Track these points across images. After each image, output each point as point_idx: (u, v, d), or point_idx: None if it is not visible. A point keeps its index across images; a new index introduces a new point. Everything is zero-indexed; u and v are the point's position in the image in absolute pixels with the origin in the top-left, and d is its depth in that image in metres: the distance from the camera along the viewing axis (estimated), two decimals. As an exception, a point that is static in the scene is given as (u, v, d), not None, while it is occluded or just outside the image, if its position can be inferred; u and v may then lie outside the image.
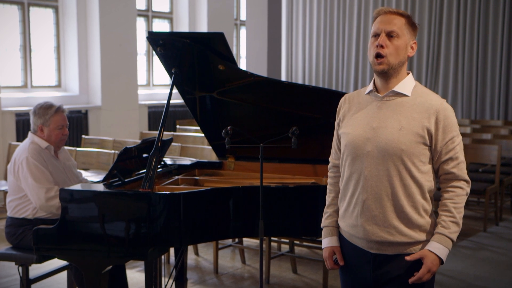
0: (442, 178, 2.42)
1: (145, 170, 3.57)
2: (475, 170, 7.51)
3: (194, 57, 3.89)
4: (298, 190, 3.57)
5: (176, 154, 6.46)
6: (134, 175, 3.80)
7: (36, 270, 4.23)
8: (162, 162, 4.18)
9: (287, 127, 3.25)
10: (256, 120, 4.19)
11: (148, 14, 10.57)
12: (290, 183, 3.85)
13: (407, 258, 2.36)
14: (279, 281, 4.92)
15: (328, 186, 2.66)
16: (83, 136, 7.70)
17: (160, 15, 10.90)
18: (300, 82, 13.61)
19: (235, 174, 4.24)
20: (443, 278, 5.01)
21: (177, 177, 4.07)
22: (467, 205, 7.62)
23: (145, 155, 3.80)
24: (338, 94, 3.80)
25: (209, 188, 3.52)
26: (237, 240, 5.41)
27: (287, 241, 5.08)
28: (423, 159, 2.37)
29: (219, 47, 3.79)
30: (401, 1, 12.30)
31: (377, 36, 2.39)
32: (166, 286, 4.08)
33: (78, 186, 3.57)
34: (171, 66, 3.91)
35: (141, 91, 10.16)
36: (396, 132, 2.35)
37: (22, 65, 8.51)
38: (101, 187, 3.45)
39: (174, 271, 4.16)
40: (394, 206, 2.36)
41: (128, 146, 3.65)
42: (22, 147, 3.95)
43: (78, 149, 6.58)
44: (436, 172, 2.44)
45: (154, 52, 3.90)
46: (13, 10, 8.39)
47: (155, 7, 10.76)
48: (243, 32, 12.15)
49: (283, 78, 13.37)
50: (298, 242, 5.16)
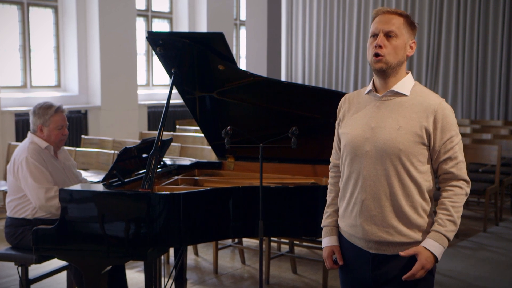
0: (441, 178, 2.42)
1: (144, 170, 3.57)
2: (475, 170, 7.50)
3: (193, 57, 3.88)
4: (297, 190, 3.57)
5: (175, 154, 6.46)
6: (133, 175, 3.80)
7: (35, 270, 4.23)
8: (162, 162, 4.18)
9: (287, 127, 3.25)
10: (256, 120, 4.18)
11: (147, 14, 10.56)
12: (289, 183, 3.84)
13: (402, 253, 2.35)
14: (279, 281, 4.92)
15: (328, 186, 2.67)
16: (83, 136, 7.70)
17: (159, 15, 10.90)
18: (300, 82, 13.60)
19: (235, 174, 4.24)
20: (443, 278, 5.01)
21: (176, 177, 4.07)
22: (467, 205, 7.62)
23: (144, 155, 3.80)
24: (338, 94, 3.80)
25: (208, 188, 3.51)
26: (236, 240, 5.40)
27: (287, 241, 5.07)
28: (422, 159, 2.37)
29: (219, 47, 3.78)
30: (401, 1, 12.30)
31: (375, 36, 2.40)
32: (165, 286, 4.08)
33: (77, 186, 3.57)
34: (171, 66, 3.91)
35: (140, 91, 10.15)
36: (394, 132, 2.35)
37: (22, 65, 8.51)
38: (100, 187, 3.44)
39: (174, 271, 4.16)
40: (392, 206, 2.36)
41: (127, 146, 3.65)
42: (22, 147, 3.95)
43: (77, 149, 6.58)
44: (435, 172, 2.43)
45: (153, 52, 3.89)
46: (12, 10, 8.39)
47: (155, 7, 10.76)
48: (243, 32, 12.15)
49: (283, 78, 13.36)
50: (298, 242, 5.16)
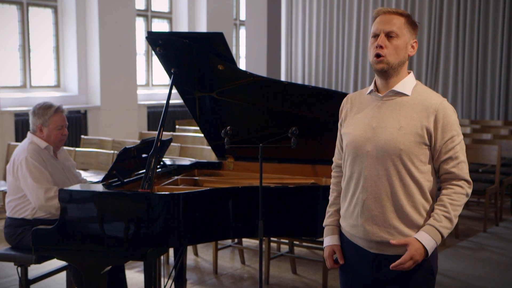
0: (442, 177, 2.41)
1: (144, 171, 3.57)
2: (475, 170, 7.49)
3: (193, 57, 3.88)
4: (297, 190, 3.56)
5: (175, 154, 6.45)
6: (133, 176, 3.79)
7: (35, 270, 4.23)
8: (162, 162, 4.18)
9: (287, 127, 3.24)
10: (255, 120, 4.18)
11: (147, 14, 10.56)
12: (289, 184, 3.83)
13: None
14: (279, 281, 4.91)
15: (331, 186, 2.67)
16: (82, 136, 7.70)
17: (159, 15, 10.90)
18: (299, 82, 13.60)
19: (235, 174, 4.24)
20: (443, 278, 5.01)
21: (176, 177, 4.06)
22: (467, 205, 7.61)
23: (144, 155, 3.80)
24: (337, 94, 3.80)
25: (208, 188, 3.51)
26: (236, 240, 5.40)
27: (287, 241, 5.07)
28: (423, 159, 2.36)
29: (219, 47, 3.78)
30: (401, 1, 12.29)
31: (376, 36, 2.39)
32: (165, 287, 4.07)
33: (77, 187, 3.57)
34: (171, 66, 3.90)
35: (140, 91, 10.15)
36: (395, 132, 2.34)
37: (21, 65, 8.50)
38: (100, 188, 3.44)
39: (174, 272, 4.16)
40: (394, 206, 2.36)
41: (127, 146, 3.65)
42: (21, 147, 3.94)
43: (77, 149, 6.58)
44: (436, 172, 2.43)
45: (153, 52, 3.89)
46: (12, 10, 8.38)
47: (154, 7, 10.75)
48: (243, 32, 12.14)
49: (283, 78, 13.36)
50: (297, 243, 5.15)
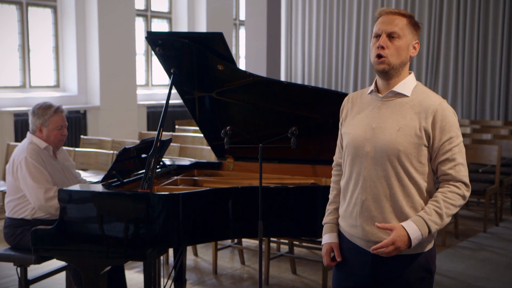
0: (440, 179, 2.41)
1: (144, 171, 3.56)
2: (475, 170, 7.49)
3: (193, 57, 3.87)
4: (297, 190, 3.56)
5: (175, 154, 6.45)
6: (133, 176, 3.79)
7: (34, 270, 4.22)
8: (161, 163, 4.17)
9: (287, 127, 3.24)
10: (255, 120, 4.17)
11: (147, 14, 10.55)
12: (289, 184, 3.83)
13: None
14: (279, 281, 4.91)
15: (331, 184, 2.67)
16: (82, 136, 7.69)
17: (159, 15, 10.89)
18: (299, 82, 13.60)
19: (234, 175, 4.23)
20: (443, 278, 5.00)
21: (176, 177, 4.06)
22: (467, 205, 7.61)
23: (144, 156, 3.79)
24: (337, 94, 3.80)
25: (208, 188, 3.50)
26: (236, 240, 5.39)
27: (286, 241, 5.06)
28: (422, 160, 2.35)
29: (218, 47, 3.77)
30: (401, 1, 12.29)
31: (378, 36, 2.39)
32: (165, 287, 4.07)
33: (76, 187, 3.56)
34: (170, 66, 3.90)
35: (140, 91, 10.14)
36: (394, 132, 2.34)
37: (21, 65, 8.49)
38: (99, 188, 3.43)
39: (173, 272, 4.15)
40: (392, 206, 2.35)
41: (127, 147, 3.64)
42: (21, 148, 3.94)
43: (76, 149, 6.57)
44: (435, 173, 2.42)
45: (153, 52, 3.88)
46: (11, 10, 8.37)
47: (154, 7, 10.75)
48: (242, 32, 12.13)
49: (283, 78, 13.35)
50: (297, 243, 5.14)
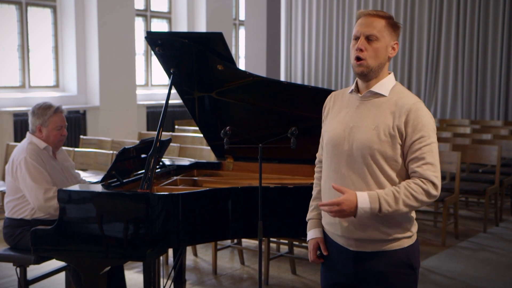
0: (410, 176, 2.40)
1: (143, 171, 3.56)
2: (475, 170, 7.49)
3: (192, 57, 3.87)
4: (297, 190, 3.55)
5: (174, 154, 6.44)
6: (132, 176, 3.78)
7: (34, 271, 4.22)
8: (161, 163, 4.17)
9: (286, 128, 3.23)
10: (255, 120, 4.17)
11: (146, 14, 10.55)
12: (289, 184, 3.83)
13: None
14: (278, 282, 4.90)
15: (315, 180, 2.71)
16: (81, 136, 7.68)
17: (158, 15, 10.89)
18: (299, 82, 13.60)
19: (234, 175, 4.22)
20: (443, 278, 5.00)
21: (175, 177, 4.05)
22: (467, 205, 7.60)
23: (143, 156, 3.79)
24: (337, 94, 3.79)
25: (208, 188, 3.50)
26: (236, 241, 5.39)
27: (286, 242, 5.06)
28: (397, 158, 2.38)
29: (218, 47, 3.77)
30: (400, 1, 12.28)
31: (357, 39, 2.42)
32: (164, 287, 4.06)
33: (76, 187, 3.55)
34: (170, 66, 3.89)
35: (139, 91, 10.14)
36: (369, 131, 2.37)
37: (20, 65, 8.49)
38: (99, 188, 3.43)
39: (173, 272, 4.15)
40: None
41: (126, 147, 3.64)
42: (20, 148, 3.93)
43: (76, 149, 6.56)
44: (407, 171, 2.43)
45: (152, 52, 3.88)
46: (11, 10, 8.37)
47: (154, 7, 10.75)
48: (242, 32, 12.13)
49: (282, 78, 13.35)
50: (297, 243, 5.14)
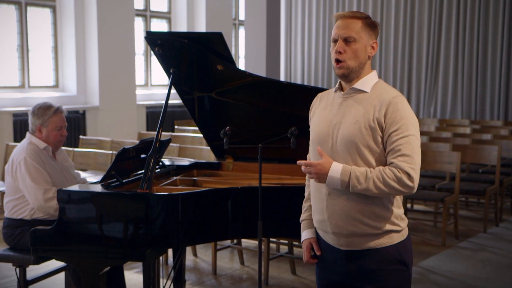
0: None
1: (143, 171, 3.55)
2: (475, 170, 7.47)
3: (192, 57, 3.86)
4: (296, 190, 3.54)
5: (174, 154, 6.43)
6: (132, 176, 3.78)
7: (33, 271, 4.22)
8: (160, 163, 4.16)
9: (286, 128, 3.22)
10: (255, 120, 4.17)
11: (146, 14, 10.54)
12: (288, 184, 3.82)
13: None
14: (278, 282, 4.90)
15: (306, 182, 2.74)
16: (81, 136, 7.67)
17: (158, 15, 10.88)
18: (299, 82, 13.59)
19: (234, 175, 4.22)
20: (443, 279, 4.99)
21: (175, 177, 4.05)
22: (467, 205, 7.60)
23: (143, 156, 3.78)
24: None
25: (207, 188, 3.50)
26: (235, 241, 5.38)
27: (286, 242, 5.06)
28: (380, 151, 2.39)
29: (218, 47, 3.76)
30: (400, 1, 12.28)
31: (336, 41, 2.46)
32: (164, 287, 4.07)
33: (75, 187, 3.55)
34: (169, 66, 3.89)
35: (139, 91, 10.13)
36: (351, 126, 2.40)
37: (20, 65, 8.48)
38: (99, 188, 3.43)
39: (172, 272, 4.15)
40: (356, 199, 2.40)
41: (126, 147, 3.64)
42: (20, 148, 3.93)
43: (75, 149, 6.55)
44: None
45: (152, 52, 3.87)
46: (10, 10, 8.36)
47: (153, 7, 10.74)
48: (242, 32, 12.12)
49: (282, 78, 13.35)
50: (297, 243, 5.13)
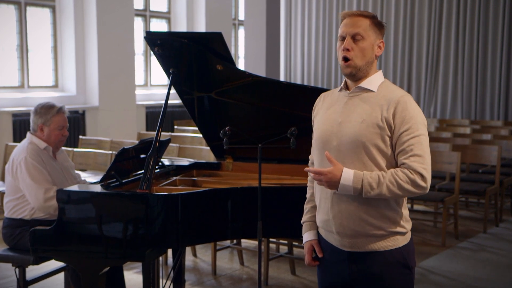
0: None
1: (142, 171, 3.55)
2: (475, 171, 7.47)
3: (192, 57, 3.86)
4: (296, 191, 3.54)
5: (174, 154, 6.43)
6: (131, 176, 3.78)
7: (33, 271, 4.21)
8: (160, 163, 4.16)
9: (286, 128, 3.22)
10: (254, 120, 4.16)
11: (145, 14, 10.54)
12: (288, 184, 3.82)
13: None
14: (278, 282, 4.90)
15: (308, 183, 2.71)
16: (80, 136, 7.67)
17: (157, 15, 10.88)
18: (299, 82, 13.60)
19: (234, 175, 4.22)
20: (443, 279, 4.99)
21: (175, 178, 4.05)
22: (467, 205, 7.59)
23: (142, 156, 3.78)
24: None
25: (207, 189, 3.50)
26: (235, 241, 5.38)
27: (286, 242, 5.05)
28: (388, 150, 2.37)
29: (217, 47, 3.76)
30: (400, 1, 12.28)
31: (343, 39, 2.44)
32: (164, 288, 4.06)
33: (75, 187, 3.55)
34: (169, 66, 3.89)
35: (138, 91, 10.13)
36: (357, 125, 2.38)
37: (19, 65, 8.48)
38: (98, 188, 3.42)
39: (172, 273, 4.14)
40: (362, 199, 2.37)
41: (125, 147, 3.63)
42: (21, 148, 3.93)
43: (75, 149, 6.55)
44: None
45: (151, 52, 3.87)
46: (10, 10, 8.36)
47: (153, 7, 10.74)
48: (242, 32, 12.12)
49: (282, 78, 13.35)
50: (296, 244, 5.13)
